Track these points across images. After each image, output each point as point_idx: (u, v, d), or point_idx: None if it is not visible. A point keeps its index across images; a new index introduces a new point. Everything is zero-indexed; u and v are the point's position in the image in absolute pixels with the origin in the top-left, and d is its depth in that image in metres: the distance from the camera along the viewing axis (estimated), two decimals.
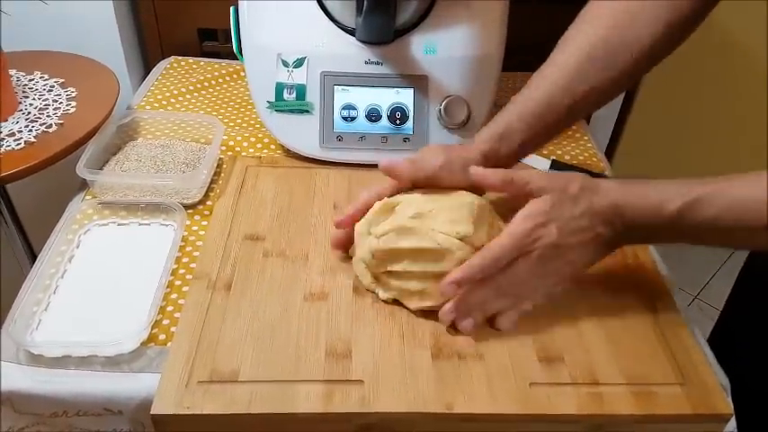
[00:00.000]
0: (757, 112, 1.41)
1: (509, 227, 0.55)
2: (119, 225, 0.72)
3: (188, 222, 0.72)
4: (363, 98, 0.82)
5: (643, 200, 0.54)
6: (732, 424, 0.55)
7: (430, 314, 0.60)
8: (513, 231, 0.55)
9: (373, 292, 0.62)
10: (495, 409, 0.52)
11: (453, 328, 0.59)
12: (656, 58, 0.65)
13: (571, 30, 0.66)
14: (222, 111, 0.95)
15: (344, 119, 0.81)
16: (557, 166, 0.81)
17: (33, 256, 1.02)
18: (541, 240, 0.54)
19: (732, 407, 0.54)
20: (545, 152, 0.88)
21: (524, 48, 0.95)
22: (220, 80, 1.02)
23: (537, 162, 0.83)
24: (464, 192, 0.62)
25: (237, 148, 0.86)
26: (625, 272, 0.67)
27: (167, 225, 0.72)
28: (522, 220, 0.55)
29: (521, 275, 0.56)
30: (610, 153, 1.62)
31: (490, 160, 0.63)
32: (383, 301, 0.61)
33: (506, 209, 0.60)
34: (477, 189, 0.62)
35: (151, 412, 0.52)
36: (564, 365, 0.56)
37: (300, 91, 0.81)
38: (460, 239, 0.57)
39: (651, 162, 1.67)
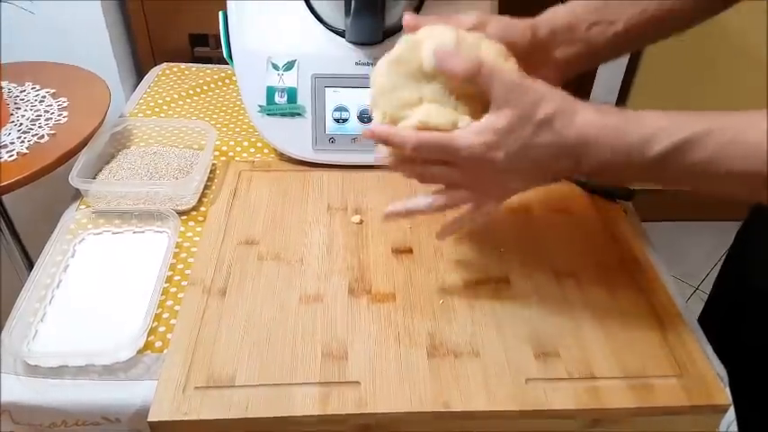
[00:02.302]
0: (756, 97, 1.41)
1: (460, 135, 0.50)
2: (113, 233, 0.72)
3: (182, 229, 0.72)
4: (355, 99, 0.81)
5: (621, 139, 0.47)
6: (731, 414, 0.55)
7: (425, 313, 0.60)
8: (461, 143, 0.50)
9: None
10: (492, 407, 0.52)
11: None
12: None
13: None
14: (214, 116, 0.95)
15: (336, 121, 0.81)
16: None
17: (31, 265, 1.02)
18: (484, 164, 0.50)
19: (730, 397, 0.54)
20: None
21: None
22: (212, 85, 1.02)
23: None
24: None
25: (230, 153, 0.86)
26: (620, 266, 0.66)
27: (161, 232, 0.72)
28: (476, 131, 0.50)
29: (453, 178, 0.53)
30: None
31: (542, 31, 0.58)
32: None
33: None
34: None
35: (148, 419, 0.52)
36: (560, 360, 0.56)
37: (291, 94, 0.81)
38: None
39: None
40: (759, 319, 0.72)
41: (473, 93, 0.52)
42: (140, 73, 1.21)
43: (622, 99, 1.56)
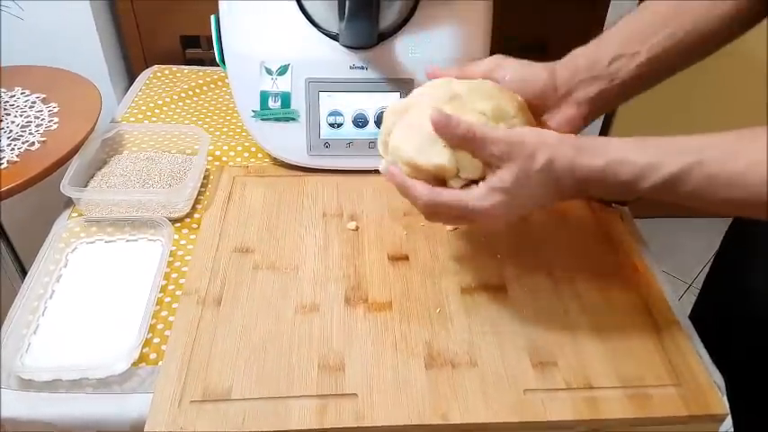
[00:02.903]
0: (755, 106, 1.41)
1: (472, 197, 0.53)
2: (106, 242, 0.72)
3: (176, 236, 0.72)
4: (349, 104, 0.81)
5: (612, 178, 0.50)
6: (728, 423, 0.55)
7: (422, 322, 0.60)
8: (472, 206, 0.52)
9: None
10: (491, 419, 0.52)
11: None
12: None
13: None
14: (207, 119, 0.94)
15: (331, 125, 0.81)
16: None
17: (24, 273, 1.01)
18: (500, 210, 0.53)
19: (727, 406, 0.54)
20: None
21: (526, 47, 0.95)
22: (204, 88, 1.01)
23: None
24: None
25: (224, 158, 0.85)
26: (617, 272, 0.66)
27: (155, 240, 0.71)
28: (486, 194, 0.52)
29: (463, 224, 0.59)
30: None
31: (561, 74, 0.60)
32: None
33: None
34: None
35: None
36: (558, 370, 0.56)
37: (285, 99, 0.80)
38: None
39: None
40: (749, 317, 0.72)
41: None
42: (131, 75, 1.20)
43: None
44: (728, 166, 0.46)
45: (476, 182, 0.54)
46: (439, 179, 0.55)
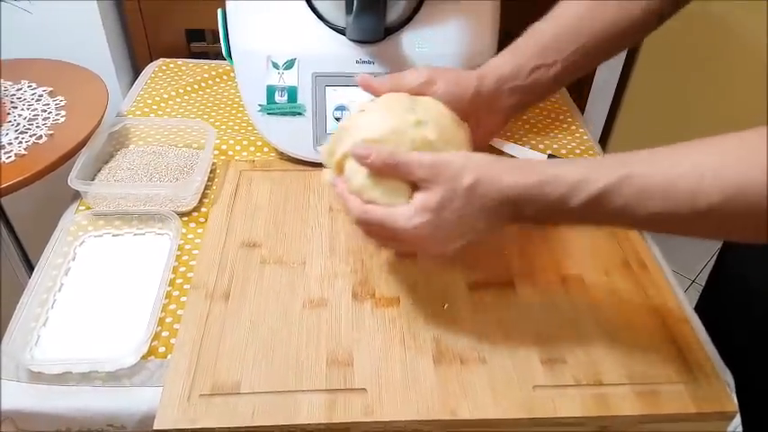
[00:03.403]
0: (755, 101, 1.40)
1: (401, 215, 0.52)
2: (114, 236, 0.72)
3: (183, 230, 0.72)
4: (356, 98, 0.81)
5: (543, 197, 0.49)
6: (737, 421, 0.55)
7: (430, 318, 0.60)
8: (401, 225, 0.52)
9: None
10: (500, 415, 0.52)
11: None
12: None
13: None
14: (213, 113, 0.94)
15: (337, 120, 0.81)
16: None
17: (30, 268, 1.01)
18: (425, 239, 0.53)
19: (737, 404, 0.54)
20: (541, 147, 0.87)
21: None
22: (210, 81, 1.01)
23: (534, 157, 0.83)
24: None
25: (230, 152, 0.85)
26: (625, 269, 0.66)
27: (163, 234, 0.71)
28: (412, 213, 0.52)
29: (395, 245, 0.58)
30: (604, 142, 1.62)
31: (488, 81, 0.62)
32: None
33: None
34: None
35: (154, 427, 0.51)
36: (567, 367, 0.56)
37: (292, 93, 0.80)
38: None
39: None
40: (752, 313, 0.72)
41: None
42: (136, 68, 1.20)
43: (618, 98, 1.55)
44: (657, 178, 0.46)
45: None
46: None
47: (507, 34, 0.84)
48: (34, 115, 0.87)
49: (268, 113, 0.81)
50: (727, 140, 0.45)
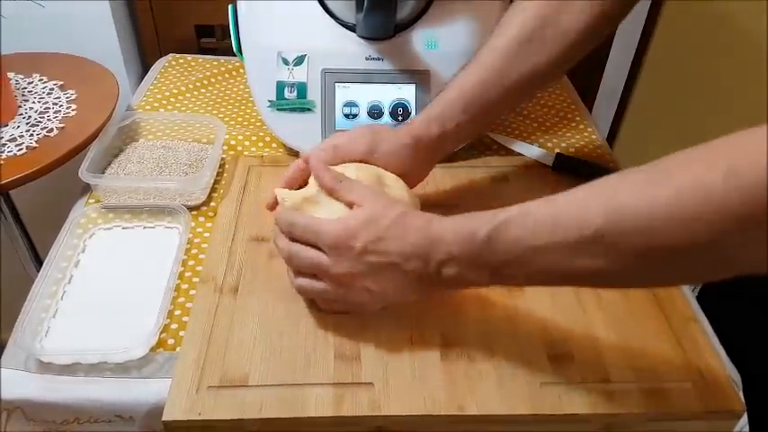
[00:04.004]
0: (762, 103, 1.40)
1: (325, 221, 0.55)
2: (123, 228, 0.72)
3: (192, 224, 0.72)
4: (365, 95, 0.81)
5: (458, 229, 0.50)
6: (744, 420, 0.55)
7: (437, 314, 0.60)
8: (324, 227, 0.55)
9: None
10: (507, 410, 0.52)
11: None
12: (586, 46, 0.66)
13: (506, 16, 0.67)
14: (222, 109, 0.94)
15: (346, 116, 0.81)
16: (561, 159, 0.81)
17: (38, 260, 1.02)
18: (343, 251, 0.53)
19: (744, 403, 0.54)
20: (549, 145, 0.87)
21: None
22: (219, 77, 1.02)
23: (542, 156, 0.83)
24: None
25: (239, 148, 0.85)
26: None
27: (172, 227, 0.72)
28: (336, 222, 0.55)
29: (318, 260, 0.56)
30: (611, 142, 1.62)
31: (422, 142, 0.64)
32: None
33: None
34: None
35: (162, 419, 0.52)
36: (574, 364, 0.56)
37: (301, 89, 0.81)
38: None
39: (653, 149, 1.66)
40: (751, 307, 0.73)
41: None
42: (146, 64, 1.20)
43: (626, 98, 1.55)
44: (549, 206, 0.47)
45: None
46: None
47: None
48: (45, 108, 0.88)
49: (277, 109, 0.81)
50: (621, 172, 0.45)
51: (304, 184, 0.64)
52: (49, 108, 0.88)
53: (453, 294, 0.62)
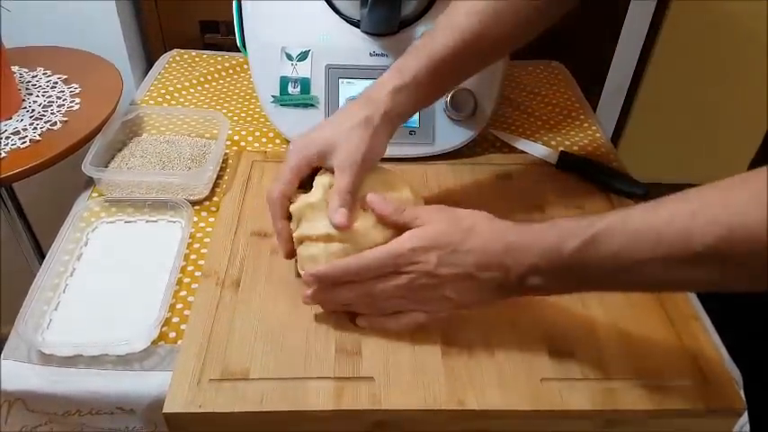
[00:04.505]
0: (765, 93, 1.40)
1: (392, 242, 0.54)
2: (126, 222, 0.72)
3: (195, 219, 0.72)
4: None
5: (540, 241, 0.49)
6: (745, 418, 0.55)
7: None
8: (392, 248, 0.53)
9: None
10: (507, 406, 0.52)
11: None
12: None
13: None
14: (226, 104, 0.94)
15: None
16: (565, 157, 0.81)
17: (41, 253, 1.02)
18: (417, 266, 0.52)
19: (745, 401, 0.54)
20: (553, 143, 0.87)
21: (537, 37, 0.92)
22: (223, 73, 1.02)
23: (546, 154, 0.83)
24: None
25: (242, 143, 0.85)
26: None
27: (175, 222, 0.72)
28: (406, 239, 0.53)
29: (388, 291, 0.54)
30: (615, 140, 1.62)
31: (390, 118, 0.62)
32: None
33: None
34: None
35: (163, 411, 0.52)
36: (575, 361, 0.56)
37: (305, 85, 0.81)
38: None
39: (658, 148, 1.66)
40: (752, 305, 0.72)
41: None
42: (150, 59, 1.20)
43: (631, 97, 1.55)
44: (650, 219, 0.45)
45: None
46: None
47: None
48: (49, 102, 0.88)
49: (281, 105, 0.81)
50: (723, 184, 0.44)
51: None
52: (53, 102, 0.88)
53: None
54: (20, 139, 0.81)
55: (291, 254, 0.61)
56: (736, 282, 0.44)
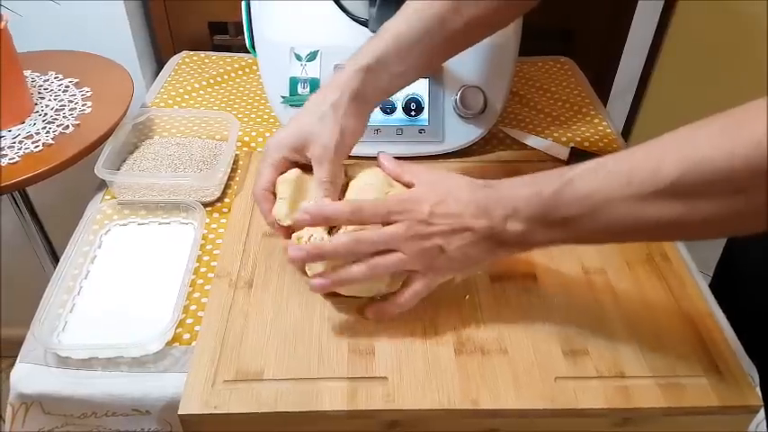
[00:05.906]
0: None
1: (389, 198, 0.58)
2: (139, 224, 0.73)
3: (207, 220, 0.73)
4: None
5: (522, 188, 0.52)
6: (761, 414, 0.54)
7: (451, 309, 0.60)
8: (384, 199, 0.57)
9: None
10: (522, 405, 0.52)
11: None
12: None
13: None
14: (236, 105, 0.94)
15: None
16: (576, 153, 0.81)
17: (54, 256, 1.03)
18: (411, 213, 0.54)
19: (761, 398, 0.53)
20: (563, 139, 0.87)
21: (546, 33, 0.93)
22: (233, 74, 1.02)
23: (556, 149, 0.83)
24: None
25: (253, 144, 0.86)
26: (649, 263, 0.66)
27: (187, 223, 0.72)
28: (398, 194, 0.58)
29: (385, 238, 0.55)
30: (626, 136, 1.61)
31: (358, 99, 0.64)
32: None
33: None
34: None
35: (179, 412, 0.52)
36: (589, 358, 0.56)
37: (314, 85, 0.81)
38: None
39: None
40: (757, 304, 0.73)
41: None
42: (160, 61, 1.21)
43: (641, 92, 1.53)
44: (625, 160, 0.47)
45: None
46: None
47: (528, 26, 0.84)
48: (61, 106, 0.89)
49: (291, 105, 0.81)
50: (695, 123, 0.45)
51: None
52: (65, 105, 0.88)
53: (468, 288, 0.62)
54: (33, 143, 0.81)
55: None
56: (703, 223, 0.45)
